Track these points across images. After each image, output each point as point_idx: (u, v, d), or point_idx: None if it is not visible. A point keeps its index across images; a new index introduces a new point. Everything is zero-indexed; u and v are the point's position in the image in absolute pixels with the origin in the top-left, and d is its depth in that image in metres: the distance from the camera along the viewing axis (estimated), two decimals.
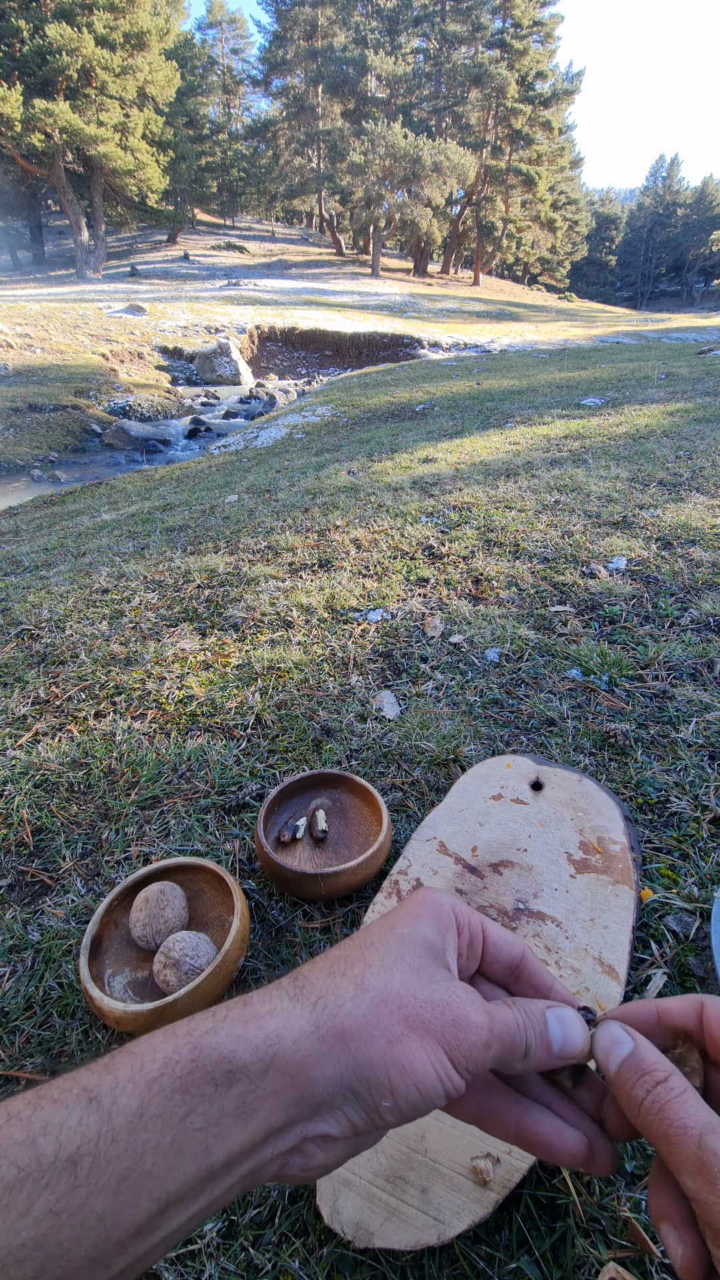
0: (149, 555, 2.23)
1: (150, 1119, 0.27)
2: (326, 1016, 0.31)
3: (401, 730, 1.15)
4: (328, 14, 36.20)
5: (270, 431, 5.73)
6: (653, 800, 0.97)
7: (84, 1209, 0.25)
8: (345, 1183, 0.55)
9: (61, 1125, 0.26)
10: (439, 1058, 0.31)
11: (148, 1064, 0.29)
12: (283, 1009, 0.32)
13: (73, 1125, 0.26)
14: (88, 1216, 0.25)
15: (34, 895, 0.91)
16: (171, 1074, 0.28)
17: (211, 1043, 0.30)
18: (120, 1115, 0.27)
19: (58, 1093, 0.28)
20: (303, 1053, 0.30)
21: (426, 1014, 0.32)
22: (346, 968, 0.34)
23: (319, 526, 2.24)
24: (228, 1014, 0.32)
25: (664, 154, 69.15)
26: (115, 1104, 0.27)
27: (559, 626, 1.47)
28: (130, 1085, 0.28)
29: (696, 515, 2.04)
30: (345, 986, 0.33)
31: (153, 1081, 0.28)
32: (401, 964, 0.34)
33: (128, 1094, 0.28)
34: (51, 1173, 0.25)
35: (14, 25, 21.43)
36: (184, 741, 1.17)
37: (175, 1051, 0.29)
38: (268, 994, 0.33)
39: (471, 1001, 0.34)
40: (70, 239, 28.19)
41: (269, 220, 48.65)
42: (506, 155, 35.65)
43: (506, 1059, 0.33)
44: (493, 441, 3.41)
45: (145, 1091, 0.28)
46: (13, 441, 8.40)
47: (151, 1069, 0.29)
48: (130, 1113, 0.27)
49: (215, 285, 23.27)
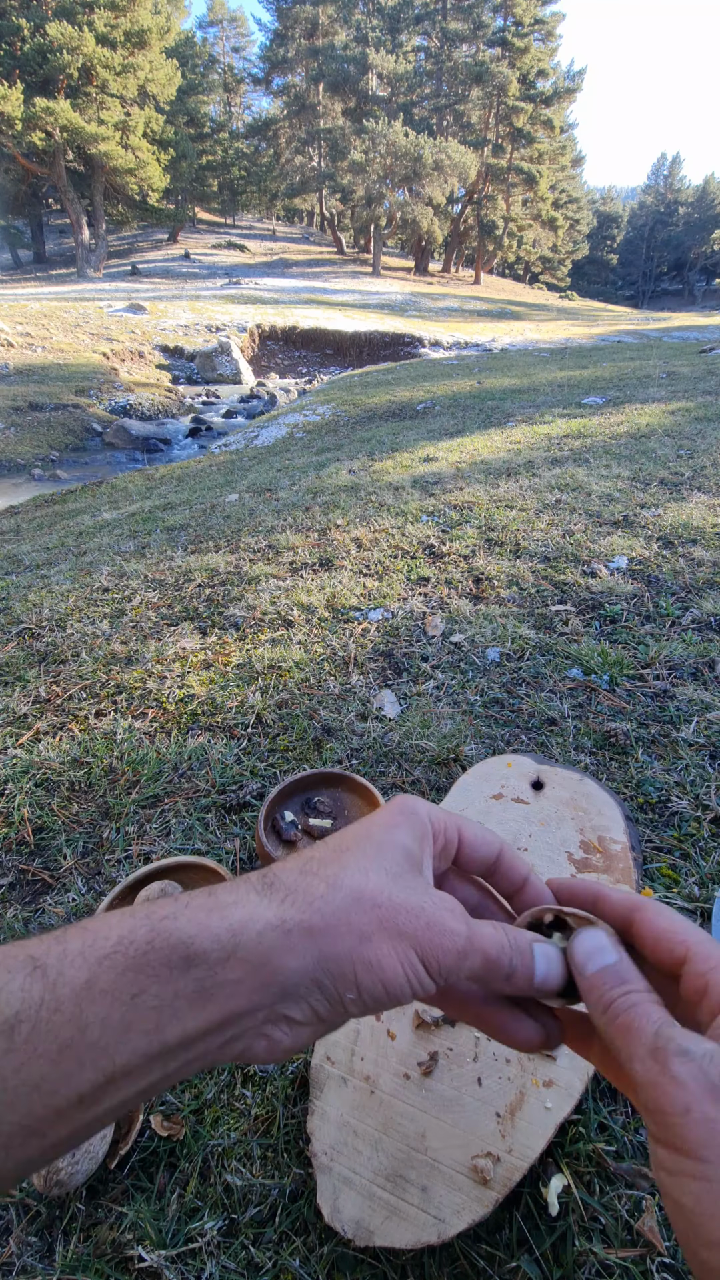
0: (150, 554, 2.23)
1: (99, 993, 0.26)
2: (294, 911, 0.31)
3: (402, 729, 1.15)
4: (329, 12, 36.15)
5: (271, 430, 5.73)
6: (653, 800, 0.97)
7: (18, 1075, 0.24)
8: (345, 1181, 0.55)
9: (2, 988, 0.25)
10: (409, 958, 0.31)
11: (100, 940, 0.28)
12: (249, 901, 0.31)
13: (14, 989, 0.25)
14: (21, 1083, 0.24)
15: (35, 894, 0.91)
16: (125, 952, 0.28)
17: (171, 927, 0.29)
18: (66, 986, 0.26)
19: (2, 956, 0.27)
20: (266, 944, 0.29)
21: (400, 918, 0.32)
22: (319, 868, 0.33)
23: (320, 525, 2.24)
24: (190, 901, 0.31)
25: (665, 152, 69.03)
26: (61, 975, 0.26)
27: (560, 626, 1.47)
28: (79, 959, 0.27)
29: (698, 514, 2.04)
30: (316, 884, 0.32)
31: (104, 957, 0.27)
32: (378, 867, 0.33)
33: (76, 966, 0.27)
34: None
35: (15, 24, 21.43)
36: (185, 740, 1.17)
37: (131, 931, 0.28)
38: (234, 886, 0.32)
39: (449, 909, 0.34)
40: (71, 238, 28.17)
41: (270, 219, 48.62)
42: (508, 154, 35.60)
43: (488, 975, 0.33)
44: (494, 440, 3.41)
45: (95, 966, 0.27)
46: (14, 440, 8.41)
47: (104, 945, 0.28)
48: (77, 984, 0.26)
49: (216, 284, 23.26)
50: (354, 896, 0.32)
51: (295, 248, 37.82)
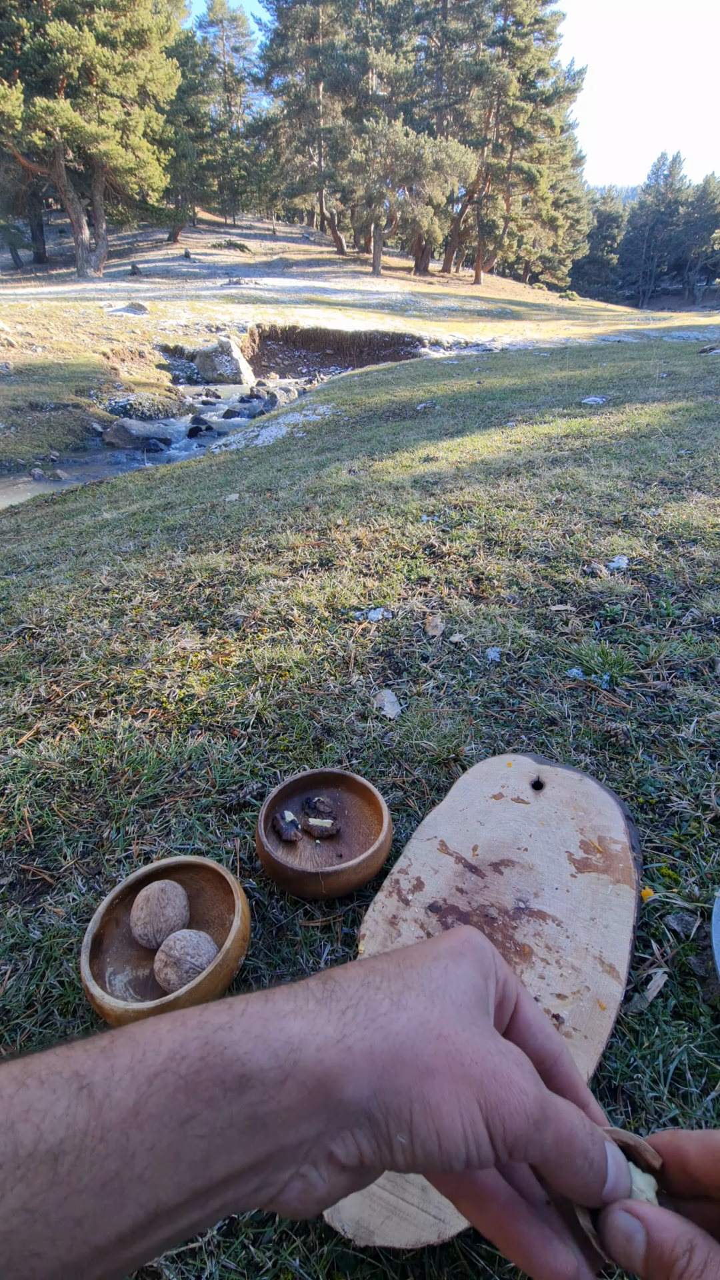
0: (150, 554, 2.23)
1: (147, 1118, 0.24)
2: (356, 1027, 0.28)
3: (402, 729, 1.15)
4: (329, 11, 36.12)
5: (271, 430, 5.73)
6: (653, 799, 0.97)
7: (61, 1209, 0.22)
8: None
9: (46, 1112, 0.23)
10: (471, 1111, 0.27)
11: (150, 1055, 0.26)
12: (308, 1010, 0.28)
13: (58, 1114, 0.24)
14: (64, 1218, 0.22)
15: (35, 894, 0.91)
16: (176, 1070, 0.25)
17: (225, 1040, 0.26)
18: (113, 1110, 0.24)
19: (46, 1072, 0.25)
20: (326, 1064, 0.27)
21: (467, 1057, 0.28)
22: (383, 981, 0.30)
23: (320, 525, 2.24)
24: (246, 1008, 0.28)
25: (666, 152, 69.01)
26: (109, 1096, 0.24)
27: (560, 625, 1.47)
28: (128, 1076, 0.25)
29: (698, 514, 2.04)
30: (380, 1000, 0.29)
31: (154, 1076, 0.25)
32: (444, 995, 0.30)
33: (124, 1086, 0.25)
34: (29, 1164, 0.22)
35: (15, 23, 21.41)
36: (185, 740, 1.17)
37: (183, 1045, 0.26)
38: (293, 992, 0.30)
39: (518, 1062, 0.29)
40: (71, 237, 28.16)
41: (270, 219, 48.59)
42: (508, 153, 35.58)
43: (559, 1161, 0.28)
44: (494, 440, 3.41)
45: (145, 1086, 0.25)
46: (14, 440, 8.40)
47: (154, 1061, 0.25)
48: (125, 1108, 0.24)
49: (216, 284, 23.25)
50: (420, 1022, 0.28)
51: (295, 247, 37.80)
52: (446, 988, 0.30)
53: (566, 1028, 0.63)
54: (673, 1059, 0.64)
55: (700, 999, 0.70)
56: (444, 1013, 0.29)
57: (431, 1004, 0.29)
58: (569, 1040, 0.62)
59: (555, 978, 0.68)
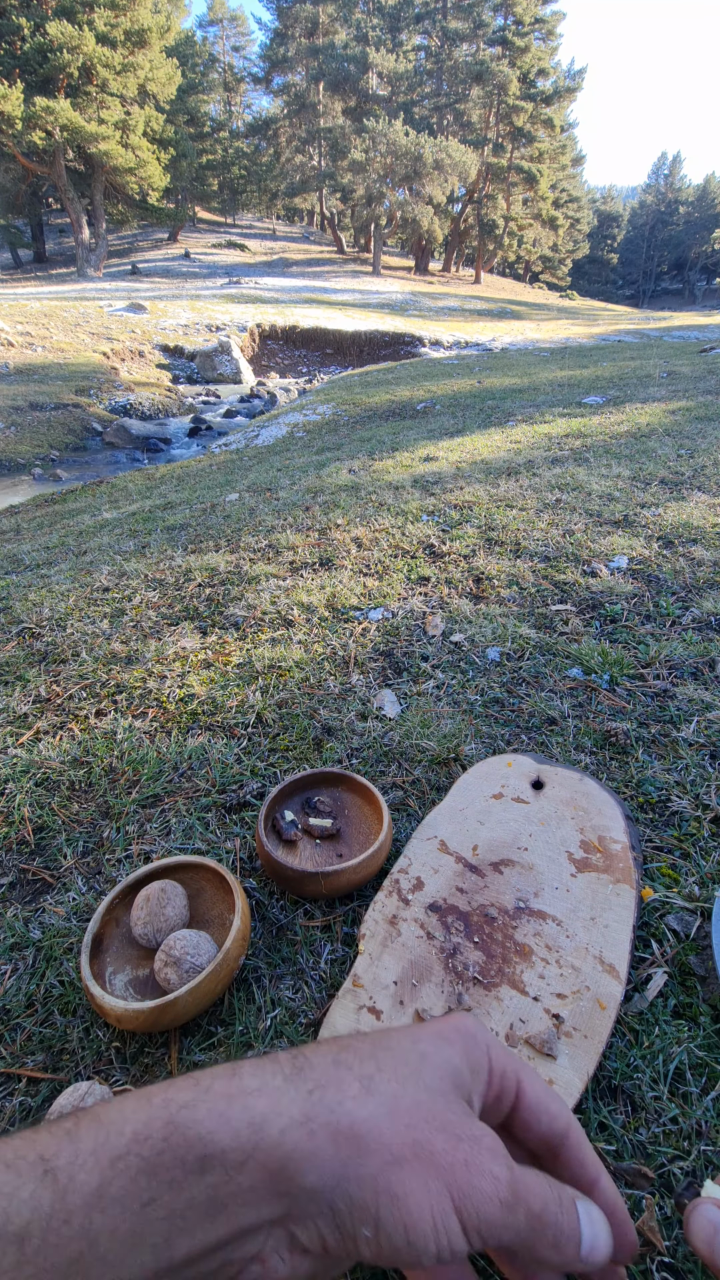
0: (150, 554, 2.23)
1: (110, 1201, 0.24)
2: (323, 1109, 0.27)
3: (402, 729, 1.15)
4: (329, 11, 36.10)
5: (271, 430, 5.73)
6: (654, 799, 0.97)
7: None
8: None
9: (11, 1196, 0.24)
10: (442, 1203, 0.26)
11: (114, 1137, 0.26)
12: (273, 1088, 0.28)
13: (24, 1198, 0.24)
14: None
15: (35, 893, 0.91)
16: (139, 1152, 0.26)
17: (188, 1119, 0.27)
18: (77, 1194, 0.24)
19: (12, 1156, 0.25)
20: (288, 1146, 0.26)
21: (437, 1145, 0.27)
22: (355, 1061, 0.30)
23: (320, 525, 2.24)
24: (212, 1084, 0.28)
25: (666, 152, 68.92)
26: (72, 1180, 0.25)
27: (560, 625, 1.47)
28: (92, 1160, 0.25)
29: (698, 514, 2.04)
30: (349, 1082, 0.29)
31: (117, 1159, 0.25)
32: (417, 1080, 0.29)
33: (88, 1169, 0.25)
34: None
35: (15, 23, 21.40)
36: (185, 740, 1.17)
37: (146, 1125, 0.26)
38: (260, 1067, 0.29)
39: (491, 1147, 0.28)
40: (71, 237, 28.15)
41: (270, 218, 48.58)
42: (508, 153, 35.56)
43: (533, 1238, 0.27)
44: (494, 440, 3.41)
45: (108, 1169, 0.25)
46: (14, 440, 8.40)
47: (118, 1144, 0.26)
48: (88, 1192, 0.24)
49: (216, 283, 23.25)
50: (390, 1108, 0.28)
51: (295, 247, 37.78)
52: (421, 1072, 0.30)
53: (566, 1027, 0.63)
54: (673, 1059, 0.64)
55: (700, 999, 0.70)
56: (416, 1098, 0.28)
57: (403, 1088, 0.29)
58: (569, 1039, 0.62)
59: (555, 977, 0.68)
